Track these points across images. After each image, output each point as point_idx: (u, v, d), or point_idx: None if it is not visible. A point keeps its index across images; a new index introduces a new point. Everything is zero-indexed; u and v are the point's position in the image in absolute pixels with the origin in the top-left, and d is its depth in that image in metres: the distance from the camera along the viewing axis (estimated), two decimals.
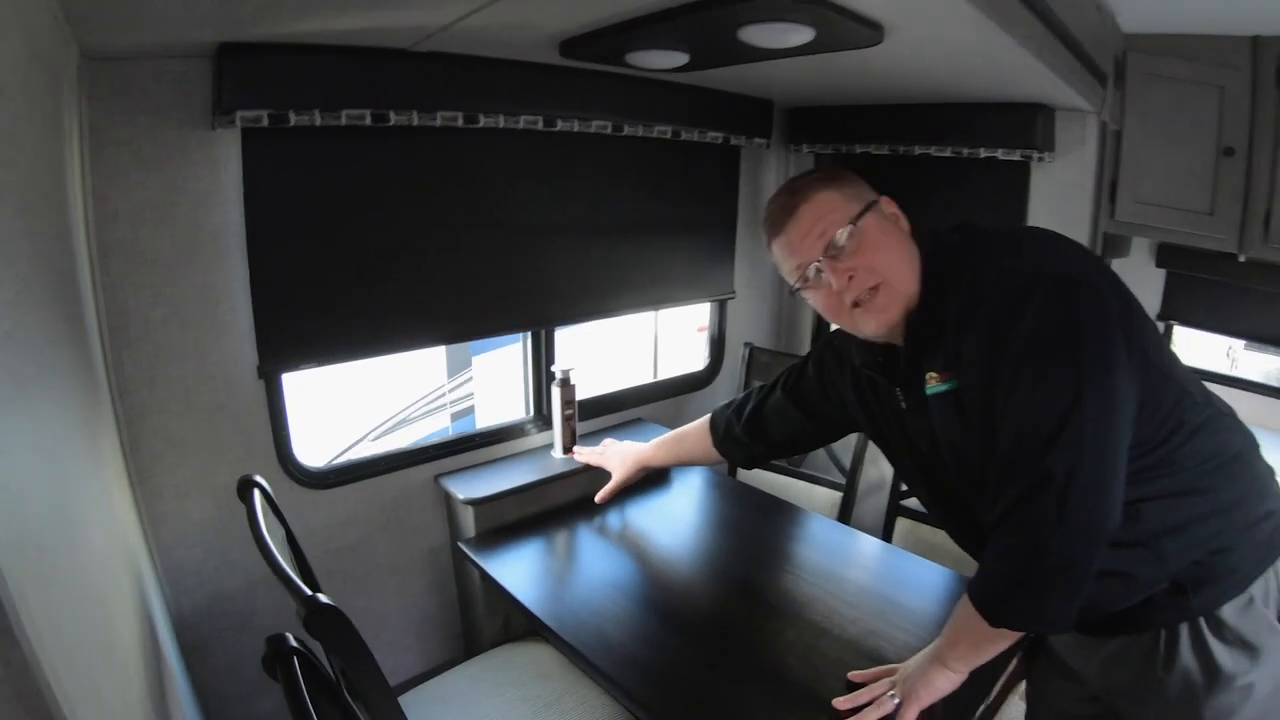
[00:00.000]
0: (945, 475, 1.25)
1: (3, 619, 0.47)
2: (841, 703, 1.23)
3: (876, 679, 1.26)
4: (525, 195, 1.96)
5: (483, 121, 1.68)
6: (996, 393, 1.05)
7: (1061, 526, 0.99)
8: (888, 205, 1.22)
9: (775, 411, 1.60)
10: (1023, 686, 1.53)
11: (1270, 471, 1.19)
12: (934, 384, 1.17)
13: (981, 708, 1.27)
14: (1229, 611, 1.11)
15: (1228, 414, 1.18)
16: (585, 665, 1.44)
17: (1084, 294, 1.03)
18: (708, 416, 1.76)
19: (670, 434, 1.89)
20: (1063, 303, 1.02)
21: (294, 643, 1.00)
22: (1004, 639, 1.13)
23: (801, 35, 1.31)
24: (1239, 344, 2.97)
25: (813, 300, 1.23)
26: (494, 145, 1.84)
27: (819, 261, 1.15)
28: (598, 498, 1.90)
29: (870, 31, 1.33)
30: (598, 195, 2.13)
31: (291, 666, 0.96)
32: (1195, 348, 3.18)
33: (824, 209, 1.17)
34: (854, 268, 1.15)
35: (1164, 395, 1.09)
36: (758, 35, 1.31)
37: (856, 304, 1.17)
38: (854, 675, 1.28)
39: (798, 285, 1.21)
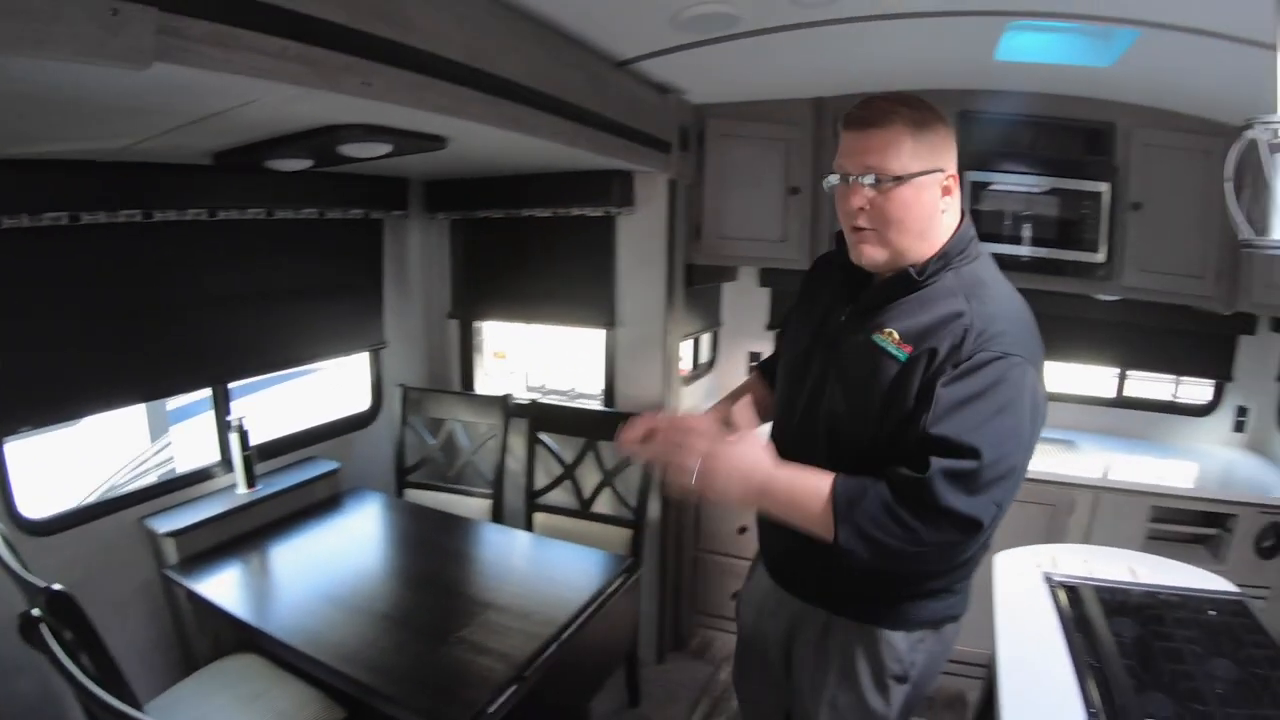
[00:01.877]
0: (808, 390, 1.58)
1: None
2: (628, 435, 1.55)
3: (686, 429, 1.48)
4: (198, 274, 2.51)
5: (158, 216, 2.25)
6: (950, 398, 1.32)
7: (942, 554, 1.38)
8: (949, 182, 1.43)
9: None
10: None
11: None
12: (886, 339, 1.42)
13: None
14: (898, 638, 1.55)
15: None
16: (285, 652, 1.98)
17: (1039, 379, 1.38)
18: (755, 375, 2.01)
19: (739, 399, 1.66)
20: (1031, 382, 1.35)
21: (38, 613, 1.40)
22: (806, 523, 1.38)
23: (383, 148, 2.01)
24: None
25: (836, 195, 1.48)
26: (170, 234, 2.36)
27: (854, 176, 1.42)
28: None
29: (434, 142, 2.05)
30: (260, 269, 2.71)
31: (40, 630, 1.36)
32: None
33: (885, 147, 1.39)
34: (870, 202, 1.41)
35: None
36: (353, 150, 2.00)
37: (856, 228, 1.45)
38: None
39: (834, 176, 1.47)
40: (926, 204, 1.42)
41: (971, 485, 1.29)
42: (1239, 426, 3.46)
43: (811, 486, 1.39)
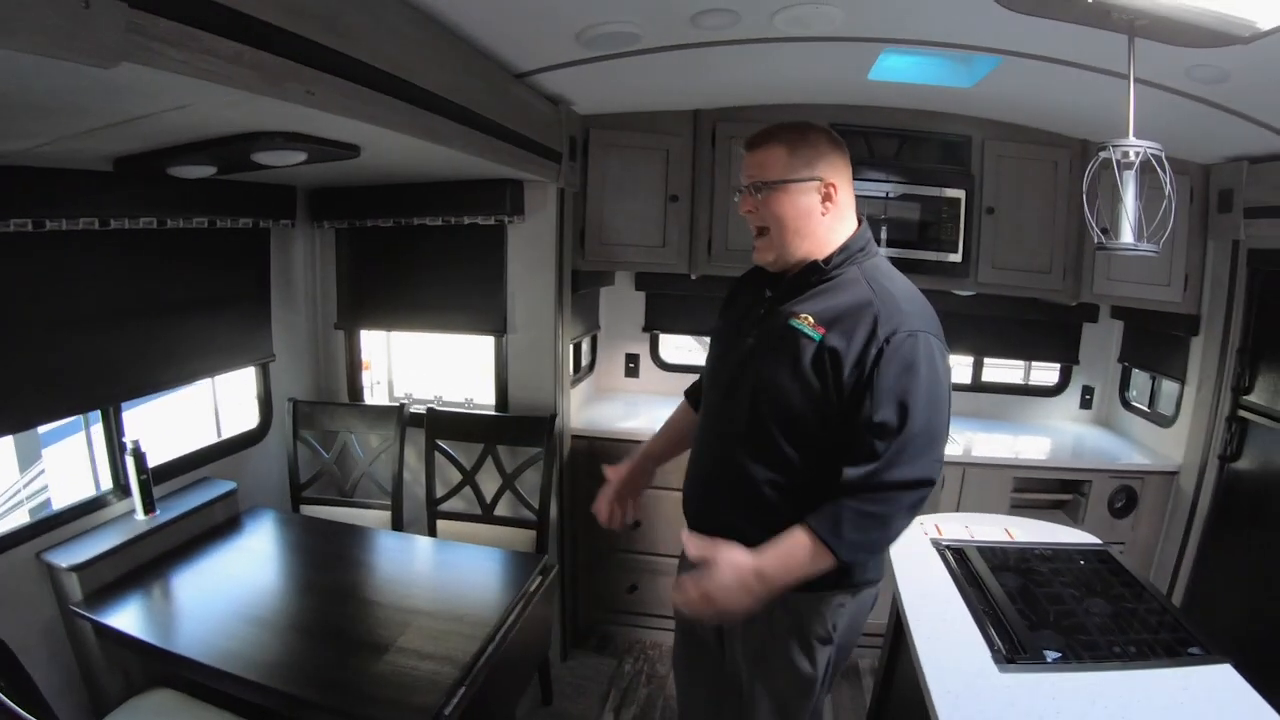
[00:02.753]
0: (733, 370, 1.77)
1: None
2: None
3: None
4: (86, 288, 2.35)
5: (49, 226, 2.10)
6: (881, 387, 1.54)
7: (911, 512, 1.57)
8: (829, 190, 1.67)
9: None
10: None
11: None
12: (802, 322, 1.64)
13: None
14: (819, 602, 1.69)
15: None
16: (219, 679, 1.90)
17: (943, 345, 1.62)
18: (683, 399, 2.17)
19: (659, 430, 2.20)
20: (939, 349, 1.60)
21: None
22: (814, 570, 1.56)
23: (298, 157, 1.99)
24: None
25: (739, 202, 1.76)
26: (59, 245, 2.20)
27: (744, 188, 1.73)
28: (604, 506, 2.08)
29: (349, 150, 2.07)
30: (151, 280, 2.57)
31: None
32: None
33: (764, 161, 1.69)
34: (755, 208, 1.71)
35: None
36: (266, 157, 1.98)
37: (755, 231, 1.74)
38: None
39: (739, 187, 1.76)
40: (801, 206, 1.68)
41: (912, 454, 1.54)
42: (1086, 404, 3.91)
43: (794, 543, 1.56)
